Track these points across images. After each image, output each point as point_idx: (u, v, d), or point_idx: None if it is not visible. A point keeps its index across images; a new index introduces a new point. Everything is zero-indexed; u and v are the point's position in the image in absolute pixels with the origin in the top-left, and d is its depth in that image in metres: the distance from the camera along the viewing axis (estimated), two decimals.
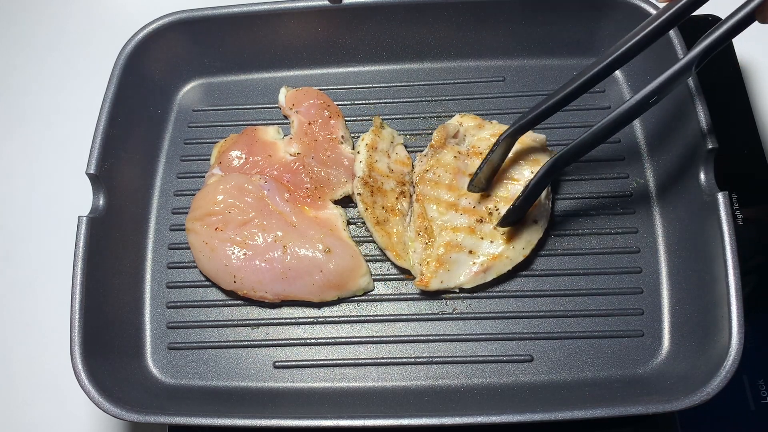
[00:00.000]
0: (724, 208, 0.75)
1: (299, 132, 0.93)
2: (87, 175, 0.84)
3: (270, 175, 0.90)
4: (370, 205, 0.86)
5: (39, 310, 0.97)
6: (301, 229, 0.86)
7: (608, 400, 0.74)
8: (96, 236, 0.81)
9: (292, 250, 0.84)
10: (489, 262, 0.83)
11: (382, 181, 0.88)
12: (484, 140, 0.87)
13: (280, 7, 0.93)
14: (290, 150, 0.92)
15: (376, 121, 0.91)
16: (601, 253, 0.86)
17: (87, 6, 1.21)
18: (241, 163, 0.91)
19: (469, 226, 0.84)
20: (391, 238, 0.85)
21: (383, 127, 0.91)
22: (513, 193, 0.84)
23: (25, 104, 1.13)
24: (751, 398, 0.81)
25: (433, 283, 0.82)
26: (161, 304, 0.88)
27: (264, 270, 0.83)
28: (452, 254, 0.83)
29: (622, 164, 0.91)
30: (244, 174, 0.90)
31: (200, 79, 1.01)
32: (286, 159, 0.91)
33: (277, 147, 0.92)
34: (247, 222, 0.86)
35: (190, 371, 0.84)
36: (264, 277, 0.83)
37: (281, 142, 0.93)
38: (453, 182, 0.85)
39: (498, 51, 0.98)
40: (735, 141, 0.94)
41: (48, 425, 0.91)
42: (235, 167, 0.91)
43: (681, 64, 0.69)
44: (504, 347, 0.82)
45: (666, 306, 0.83)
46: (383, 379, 0.82)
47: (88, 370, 0.75)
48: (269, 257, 0.84)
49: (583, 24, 0.94)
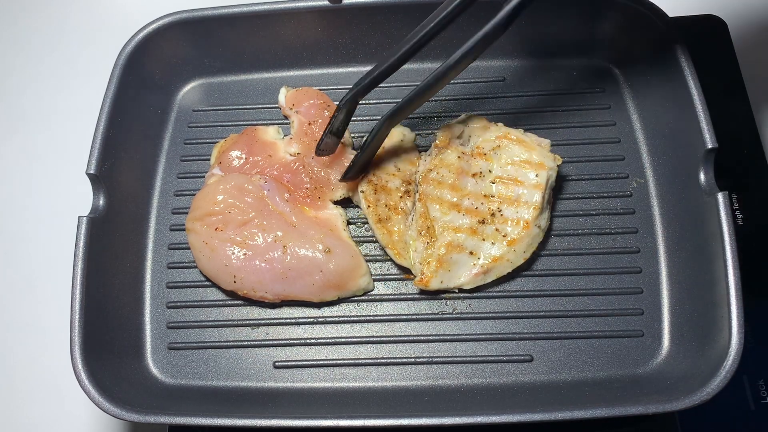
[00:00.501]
0: (724, 208, 0.75)
1: (299, 132, 0.93)
2: (87, 175, 0.84)
3: (270, 175, 0.90)
4: (372, 203, 0.86)
5: (39, 310, 0.97)
6: (301, 229, 0.86)
7: (608, 400, 0.74)
8: (96, 236, 0.81)
9: (292, 250, 0.84)
10: (489, 263, 0.83)
11: (386, 179, 0.88)
12: (489, 141, 0.87)
13: (280, 7, 0.93)
14: (290, 150, 0.92)
15: None
16: (601, 253, 0.86)
17: (87, 6, 1.21)
18: (241, 163, 0.91)
19: (471, 227, 0.84)
20: (392, 236, 0.85)
21: None
22: (516, 195, 0.84)
23: (25, 104, 1.13)
24: (751, 398, 0.82)
25: (433, 283, 0.82)
26: (161, 304, 0.88)
27: (264, 270, 0.83)
28: (453, 255, 0.83)
29: (622, 164, 0.91)
30: (244, 174, 0.90)
31: (200, 79, 1.01)
32: (286, 159, 0.91)
33: (277, 147, 0.92)
34: (247, 222, 0.86)
35: (190, 371, 0.84)
36: (264, 277, 0.83)
37: (281, 142, 0.93)
38: (456, 182, 0.85)
39: (498, 51, 0.98)
40: (735, 141, 0.94)
41: (48, 425, 0.91)
42: (235, 167, 0.91)
43: (493, 25, 0.74)
44: (504, 347, 0.83)
45: (666, 306, 0.83)
46: (383, 379, 0.82)
47: (88, 370, 0.75)
48: (269, 257, 0.84)
49: (583, 24, 0.94)
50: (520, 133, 0.87)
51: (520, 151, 0.86)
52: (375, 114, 0.94)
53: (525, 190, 0.84)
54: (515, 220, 0.84)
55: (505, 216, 0.84)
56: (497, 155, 0.86)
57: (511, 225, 0.84)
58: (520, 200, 0.84)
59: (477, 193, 0.85)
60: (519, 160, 0.86)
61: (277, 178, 0.90)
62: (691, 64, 0.83)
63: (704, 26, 1.01)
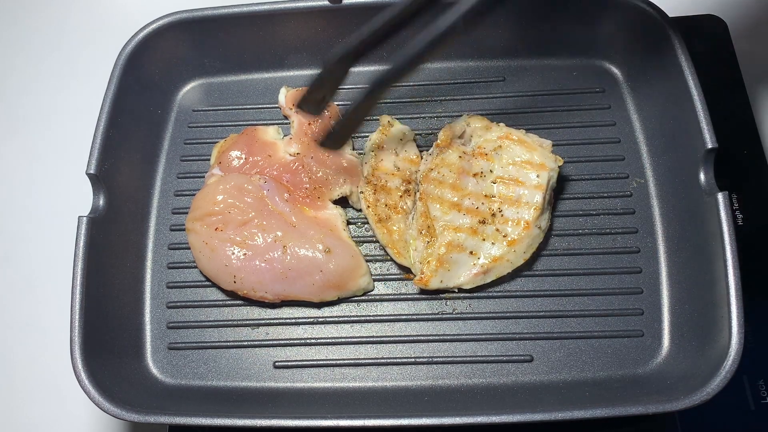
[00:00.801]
0: (724, 208, 0.75)
1: (299, 132, 0.93)
2: (87, 175, 0.84)
3: (270, 175, 0.90)
4: (372, 203, 0.86)
5: (39, 310, 0.97)
6: (300, 229, 0.86)
7: (608, 400, 0.74)
8: (96, 236, 0.81)
9: (292, 250, 0.84)
10: (489, 264, 0.83)
11: (386, 179, 0.88)
12: (491, 141, 0.87)
13: (280, 7, 0.93)
14: (290, 150, 0.92)
15: (383, 120, 0.91)
16: (601, 253, 0.86)
17: (87, 6, 1.21)
18: (240, 163, 0.91)
19: (471, 227, 0.84)
20: (392, 235, 0.85)
21: (392, 125, 0.91)
22: (517, 195, 0.84)
23: (25, 104, 1.13)
24: (751, 398, 0.82)
25: (433, 282, 0.82)
26: (161, 304, 0.88)
27: (264, 270, 0.83)
28: (453, 254, 0.83)
29: (622, 164, 0.91)
30: (243, 174, 0.90)
31: (200, 79, 1.01)
32: (286, 159, 0.91)
33: (276, 147, 0.92)
34: (246, 222, 0.86)
35: (190, 371, 0.84)
36: (264, 278, 0.83)
37: (281, 142, 0.93)
38: (457, 182, 0.85)
39: (498, 51, 0.98)
40: (735, 141, 0.94)
41: (48, 425, 0.91)
42: (234, 167, 0.91)
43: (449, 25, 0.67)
44: (504, 347, 0.83)
45: (666, 306, 0.83)
46: (383, 379, 0.82)
47: (88, 370, 0.75)
48: (269, 257, 0.84)
49: (583, 24, 0.94)
50: (521, 134, 0.87)
51: (522, 152, 0.86)
52: (373, 114, 0.94)
53: (526, 190, 0.84)
54: (516, 220, 0.84)
55: (506, 216, 0.84)
56: (498, 155, 0.86)
57: (512, 225, 0.84)
58: (521, 201, 0.84)
59: (478, 193, 0.85)
60: (520, 160, 0.86)
61: (277, 178, 0.90)
62: (691, 64, 0.83)
63: (704, 26, 1.01)
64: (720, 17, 1.02)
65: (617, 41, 0.94)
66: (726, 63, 0.99)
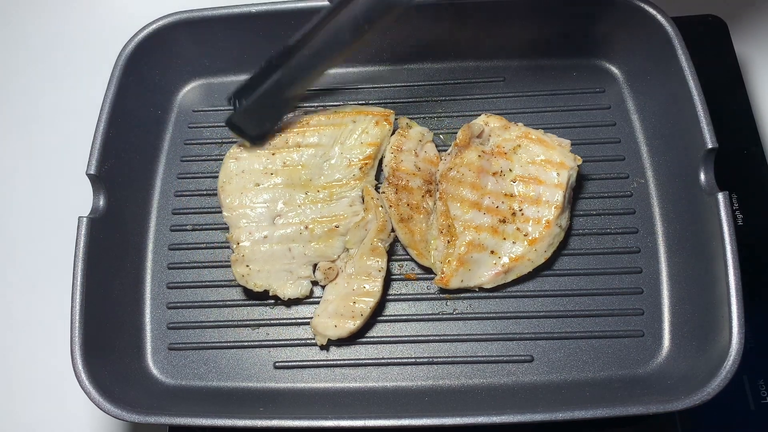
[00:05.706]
0: (724, 208, 0.75)
1: None
2: (87, 175, 0.84)
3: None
4: (394, 203, 0.86)
5: (39, 310, 0.97)
6: None
7: (608, 400, 0.74)
8: (96, 236, 0.81)
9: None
10: (510, 263, 0.83)
11: (407, 179, 0.87)
12: (510, 141, 0.87)
13: (280, 8, 0.93)
14: None
15: (401, 122, 0.91)
16: (601, 253, 0.86)
17: (87, 6, 1.21)
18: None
19: (492, 226, 0.83)
20: (414, 236, 0.85)
21: (410, 126, 0.91)
22: (537, 194, 0.84)
23: (25, 104, 1.13)
24: (751, 398, 0.82)
25: (454, 282, 0.82)
26: (161, 304, 0.88)
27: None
28: (474, 254, 0.82)
29: (622, 164, 0.91)
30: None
31: (200, 79, 1.01)
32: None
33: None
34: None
35: (190, 372, 0.84)
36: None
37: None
38: (477, 181, 0.85)
39: (498, 51, 0.98)
40: (735, 141, 0.94)
41: (48, 425, 0.91)
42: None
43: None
44: (504, 347, 0.83)
45: (666, 306, 0.83)
46: (383, 379, 0.82)
47: (88, 371, 0.75)
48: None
49: (583, 24, 0.94)
50: (540, 133, 0.87)
51: (541, 151, 0.86)
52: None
53: (546, 189, 0.84)
54: (536, 219, 0.84)
55: (526, 215, 0.84)
56: (518, 154, 0.86)
57: (533, 224, 0.84)
58: (541, 199, 0.84)
59: (497, 192, 0.85)
60: (540, 159, 0.85)
61: None
62: (691, 64, 0.83)
63: (704, 26, 1.01)
64: (720, 17, 1.02)
65: (617, 41, 0.94)
66: (726, 63, 0.99)
